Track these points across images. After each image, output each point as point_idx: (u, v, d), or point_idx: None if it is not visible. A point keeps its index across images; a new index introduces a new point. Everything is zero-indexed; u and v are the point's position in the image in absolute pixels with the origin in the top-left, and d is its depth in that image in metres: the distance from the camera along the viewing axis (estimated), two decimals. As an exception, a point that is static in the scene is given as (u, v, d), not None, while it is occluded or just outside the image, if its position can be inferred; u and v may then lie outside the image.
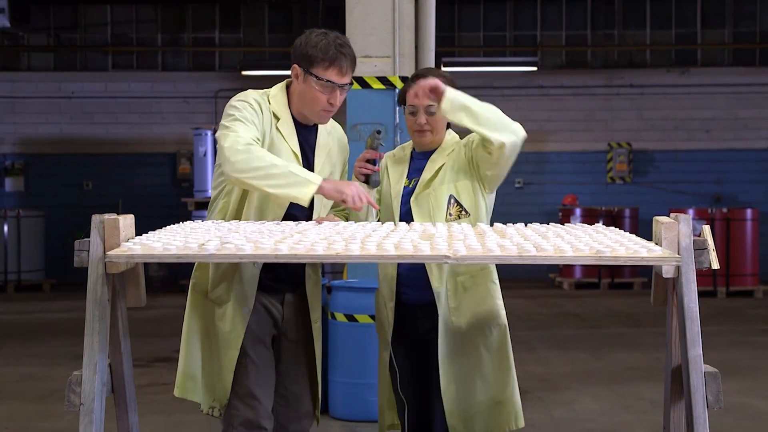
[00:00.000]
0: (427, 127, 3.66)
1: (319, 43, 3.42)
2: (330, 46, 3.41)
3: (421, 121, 3.65)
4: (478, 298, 3.62)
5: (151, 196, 15.26)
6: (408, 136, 3.82)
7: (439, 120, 3.67)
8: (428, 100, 3.57)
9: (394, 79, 6.86)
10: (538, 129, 15.24)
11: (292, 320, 3.62)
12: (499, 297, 3.68)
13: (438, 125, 3.68)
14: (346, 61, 3.44)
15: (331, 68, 3.42)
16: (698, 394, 2.70)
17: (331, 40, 3.44)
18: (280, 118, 3.50)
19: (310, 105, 3.49)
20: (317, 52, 3.41)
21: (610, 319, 11.21)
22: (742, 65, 15.73)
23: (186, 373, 3.55)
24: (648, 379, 7.43)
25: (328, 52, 3.41)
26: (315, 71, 3.42)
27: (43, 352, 8.90)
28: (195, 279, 3.58)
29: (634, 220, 14.54)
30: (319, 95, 3.45)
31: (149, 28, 15.98)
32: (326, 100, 3.45)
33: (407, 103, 3.67)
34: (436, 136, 3.70)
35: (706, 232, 2.93)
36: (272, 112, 3.50)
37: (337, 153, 3.69)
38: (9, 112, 15.60)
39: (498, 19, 15.91)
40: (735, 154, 15.61)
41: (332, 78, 3.42)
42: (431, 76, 3.58)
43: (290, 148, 3.48)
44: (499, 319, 3.64)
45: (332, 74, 3.42)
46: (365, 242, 2.75)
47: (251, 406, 3.47)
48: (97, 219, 2.73)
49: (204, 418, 6.29)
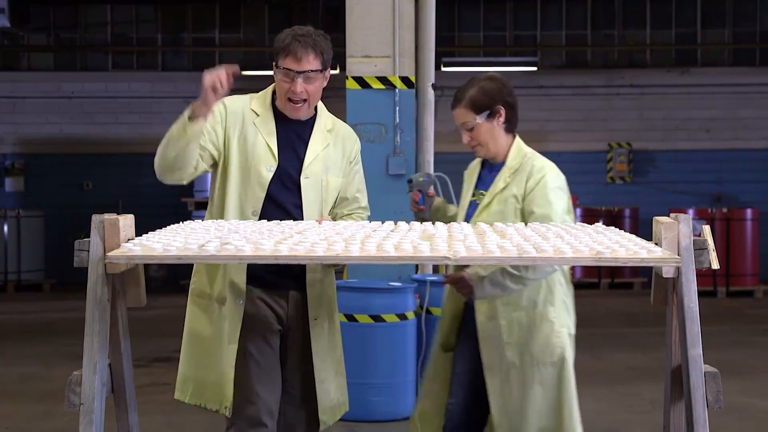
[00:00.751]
0: (473, 143, 3.69)
1: (281, 36, 3.55)
2: (288, 36, 3.52)
3: (465, 141, 3.70)
4: (533, 335, 3.60)
5: (151, 196, 15.23)
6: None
7: (483, 132, 3.67)
8: (461, 119, 3.67)
9: (394, 79, 6.86)
10: (538, 129, 15.24)
11: (297, 318, 3.61)
12: (556, 334, 3.61)
13: (484, 137, 3.69)
14: (302, 48, 3.49)
15: (288, 56, 3.50)
16: (698, 394, 2.70)
17: (293, 31, 3.55)
18: (259, 114, 3.61)
19: (279, 97, 3.60)
20: (278, 44, 3.54)
21: (610, 319, 11.20)
22: (742, 65, 15.73)
23: (185, 376, 3.57)
24: (648, 379, 7.43)
25: (285, 41, 3.51)
26: (277, 61, 3.54)
27: (43, 352, 8.90)
28: (194, 284, 3.61)
29: (634, 220, 14.54)
30: (282, 84, 3.55)
31: (149, 28, 15.98)
32: (288, 88, 3.53)
33: None
34: (490, 146, 3.71)
35: (706, 232, 2.93)
36: (252, 110, 3.62)
37: (339, 153, 3.69)
38: (9, 112, 15.60)
39: (498, 19, 15.91)
40: (735, 154, 15.61)
41: (288, 65, 3.50)
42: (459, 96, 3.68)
43: (265, 141, 3.57)
44: (554, 356, 3.60)
45: (289, 62, 3.50)
46: (365, 243, 2.75)
47: (252, 402, 3.47)
48: (97, 219, 2.73)
49: (204, 418, 6.30)
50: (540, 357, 3.58)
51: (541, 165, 3.65)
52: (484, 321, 3.59)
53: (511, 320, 3.58)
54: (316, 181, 3.59)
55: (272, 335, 3.56)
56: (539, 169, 3.63)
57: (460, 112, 3.68)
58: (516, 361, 3.56)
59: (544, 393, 3.57)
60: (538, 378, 3.57)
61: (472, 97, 3.66)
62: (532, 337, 3.58)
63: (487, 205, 3.65)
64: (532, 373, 3.57)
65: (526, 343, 3.58)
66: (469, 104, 3.65)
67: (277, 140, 3.59)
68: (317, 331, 3.64)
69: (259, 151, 3.55)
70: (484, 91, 3.67)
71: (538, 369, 3.57)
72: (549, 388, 3.58)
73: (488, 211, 3.64)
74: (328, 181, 3.62)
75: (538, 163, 3.66)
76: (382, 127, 6.95)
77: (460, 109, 3.68)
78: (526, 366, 3.57)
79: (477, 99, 3.66)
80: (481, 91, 3.66)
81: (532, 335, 3.58)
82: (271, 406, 3.52)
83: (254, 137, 3.57)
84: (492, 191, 3.67)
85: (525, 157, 3.69)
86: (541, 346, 3.58)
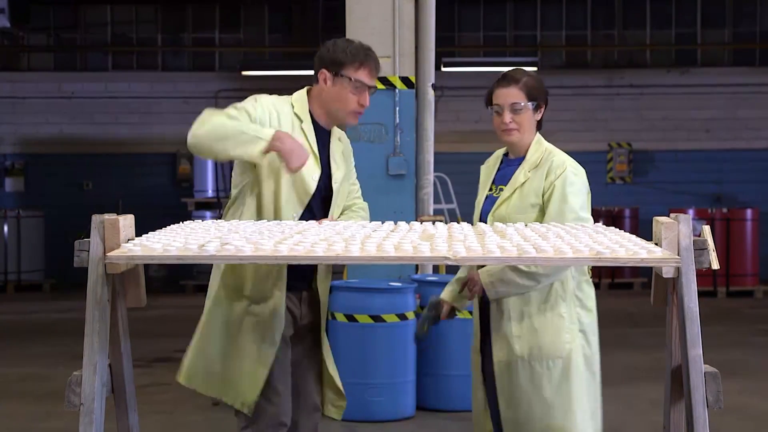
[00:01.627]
0: (513, 125, 3.68)
1: (347, 48, 3.61)
2: (359, 49, 3.61)
3: (506, 120, 3.67)
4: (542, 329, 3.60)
5: (151, 196, 15.25)
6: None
7: (526, 119, 3.68)
8: (513, 98, 3.65)
9: (394, 79, 6.86)
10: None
11: (307, 316, 3.69)
12: (567, 329, 3.60)
13: (525, 124, 3.69)
14: (375, 63, 3.63)
15: (361, 69, 3.59)
16: (698, 394, 2.70)
17: (359, 45, 3.64)
18: (303, 120, 3.63)
19: (341, 107, 3.62)
20: (347, 56, 3.59)
21: (610, 319, 11.20)
22: (742, 65, 15.73)
23: (196, 364, 3.56)
24: (648, 379, 7.43)
25: (359, 54, 3.59)
26: (346, 73, 3.58)
27: (43, 352, 8.90)
28: (225, 278, 3.57)
29: (634, 220, 14.54)
30: (350, 96, 3.60)
31: (149, 28, 15.98)
32: (357, 101, 3.61)
33: (493, 102, 3.72)
34: (524, 135, 3.71)
35: (706, 232, 2.93)
36: (296, 114, 3.62)
37: (344, 157, 3.76)
38: (9, 112, 15.60)
39: (498, 19, 15.91)
40: (735, 154, 15.61)
41: (363, 78, 3.59)
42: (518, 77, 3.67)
43: (311, 148, 3.59)
44: (563, 352, 3.59)
45: (363, 75, 3.59)
46: (365, 243, 2.75)
47: (274, 402, 3.53)
48: (97, 219, 2.73)
49: (204, 418, 6.30)
50: (549, 352, 3.58)
51: (561, 161, 3.67)
52: (496, 314, 3.60)
53: (521, 314, 3.59)
54: (343, 188, 3.70)
55: (289, 338, 3.62)
56: (560, 164, 3.66)
57: (513, 92, 3.66)
58: (525, 355, 3.57)
59: (552, 389, 3.57)
60: (546, 373, 3.57)
61: (529, 83, 3.68)
62: (541, 331, 3.59)
63: (507, 199, 3.66)
64: (541, 368, 3.58)
65: (535, 337, 3.58)
66: (524, 88, 3.67)
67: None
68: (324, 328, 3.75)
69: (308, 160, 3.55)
70: (538, 82, 3.71)
71: (546, 364, 3.58)
72: (556, 383, 3.57)
73: (508, 204, 3.65)
74: (346, 188, 3.74)
75: (558, 159, 3.68)
76: (382, 128, 6.95)
77: (513, 89, 3.66)
78: (534, 360, 3.57)
79: (533, 86, 3.69)
80: (536, 81, 3.71)
81: (542, 330, 3.59)
82: (288, 406, 3.58)
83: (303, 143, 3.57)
84: (512, 185, 3.68)
85: (545, 152, 3.72)
86: (551, 341, 3.59)
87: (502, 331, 3.60)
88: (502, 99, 3.68)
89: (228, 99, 15.40)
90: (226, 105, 3.60)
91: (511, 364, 3.58)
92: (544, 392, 3.57)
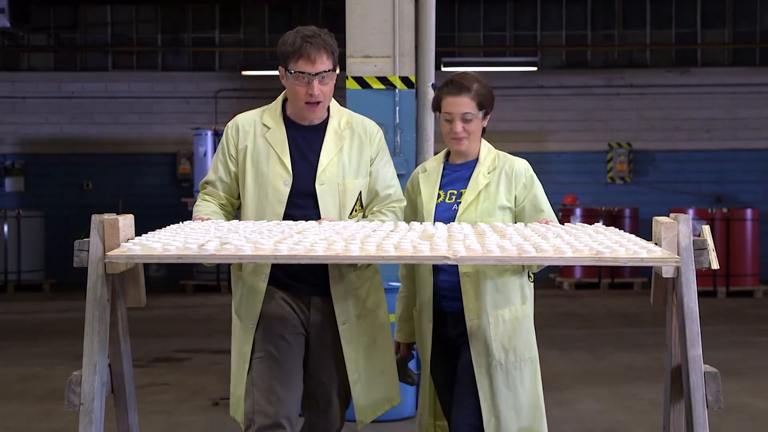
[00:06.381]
0: (463, 134, 3.64)
1: (288, 39, 3.51)
2: (296, 38, 3.48)
3: (458, 129, 3.63)
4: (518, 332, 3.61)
5: (151, 196, 15.25)
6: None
7: (476, 127, 3.66)
8: (464, 108, 3.60)
9: (394, 79, 6.85)
10: (539, 129, 15.24)
11: (319, 324, 3.58)
12: (532, 331, 3.68)
13: (475, 132, 3.67)
14: (314, 49, 3.46)
15: (300, 59, 3.47)
16: (698, 394, 2.70)
17: (300, 33, 3.50)
18: (270, 127, 3.59)
19: (294, 102, 3.56)
20: (287, 47, 3.50)
21: (610, 319, 11.20)
22: (742, 65, 15.73)
23: (236, 395, 3.59)
24: (648, 379, 7.43)
25: (295, 44, 3.47)
26: (289, 66, 3.49)
27: (43, 352, 8.90)
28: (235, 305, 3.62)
29: (634, 220, 14.54)
30: (297, 89, 3.51)
31: (149, 28, 15.97)
32: (305, 92, 3.50)
33: (442, 110, 3.66)
34: (473, 143, 3.69)
35: (706, 232, 2.93)
36: (263, 124, 3.60)
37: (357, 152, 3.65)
38: (9, 112, 15.60)
39: (498, 19, 15.91)
40: (735, 154, 15.61)
41: (302, 68, 3.47)
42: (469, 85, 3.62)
43: (277, 155, 3.54)
44: (532, 353, 3.65)
45: (302, 65, 3.46)
46: (365, 242, 2.75)
47: (270, 401, 3.46)
48: (96, 219, 2.73)
49: (204, 418, 6.30)
50: (521, 354, 3.61)
51: (524, 165, 3.69)
52: (474, 320, 3.58)
53: (497, 317, 3.59)
54: (332, 186, 3.56)
55: (295, 337, 3.54)
56: (526, 168, 3.69)
57: (464, 102, 3.61)
58: (502, 359, 3.58)
59: (524, 391, 3.61)
60: (519, 376, 3.60)
61: (480, 91, 3.63)
62: (515, 334, 3.60)
63: (473, 202, 3.62)
64: (515, 371, 3.60)
65: (510, 340, 3.59)
66: (476, 97, 3.62)
67: (289, 152, 3.57)
68: (348, 335, 3.57)
69: (274, 166, 3.54)
70: (487, 90, 3.67)
71: (519, 367, 3.60)
72: (528, 385, 3.63)
73: (476, 208, 3.61)
74: (345, 185, 3.58)
75: (519, 164, 3.69)
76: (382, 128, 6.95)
77: (465, 99, 3.61)
78: (509, 364, 3.59)
79: (483, 95, 3.64)
80: (485, 88, 3.66)
81: (515, 332, 3.61)
82: (290, 408, 3.49)
83: (267, 153, 3.56)
84: (474, 188, 3.63)
85: (498, 156, 3.72)
86: (523, 343, 3.62)
87: (480, 335, 3.57)
88: (454, 108, 3.61)
89: (228, 99, 15.46)
90: (226, 105, 3.63)
91: (490, 369, 3.57)
92: (519, 396, 3.60)
